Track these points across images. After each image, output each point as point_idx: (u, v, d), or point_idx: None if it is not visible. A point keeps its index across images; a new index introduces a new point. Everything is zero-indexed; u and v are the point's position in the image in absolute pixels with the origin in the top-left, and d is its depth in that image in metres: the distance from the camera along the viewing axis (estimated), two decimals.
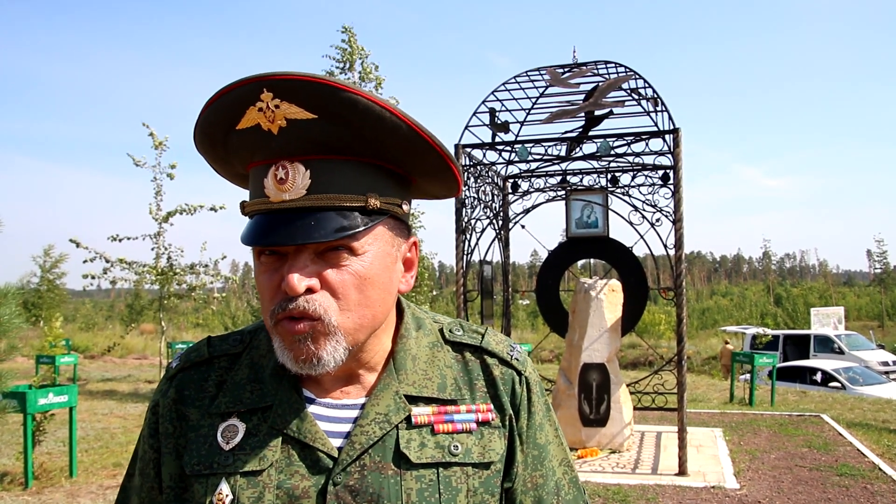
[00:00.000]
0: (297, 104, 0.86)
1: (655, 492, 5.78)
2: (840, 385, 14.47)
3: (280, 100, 0.86)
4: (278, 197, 0.89)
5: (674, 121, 6.51)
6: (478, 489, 0.98)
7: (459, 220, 6.85)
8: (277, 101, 0.86)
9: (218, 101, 0.89)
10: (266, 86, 0.85)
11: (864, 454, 7.10)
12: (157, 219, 12.62)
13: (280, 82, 0.85)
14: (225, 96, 0.88)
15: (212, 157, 1.00)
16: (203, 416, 0.99)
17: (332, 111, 0.86)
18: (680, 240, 6.39)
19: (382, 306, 0.97)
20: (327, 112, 0.86)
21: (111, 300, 66.39)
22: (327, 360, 0.91)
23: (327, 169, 0.90)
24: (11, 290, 4.91)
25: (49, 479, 6.23)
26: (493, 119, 7.37)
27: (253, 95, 0.86)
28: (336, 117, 0.87)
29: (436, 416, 1.00)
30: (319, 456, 0.94)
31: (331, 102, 0.86)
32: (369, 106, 0.87)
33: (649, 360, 23.98)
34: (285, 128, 0.87)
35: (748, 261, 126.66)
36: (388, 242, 0.96)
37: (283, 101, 0.86)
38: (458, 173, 1.00)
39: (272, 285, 0.91)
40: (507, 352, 1.08)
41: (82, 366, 17.03)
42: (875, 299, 50.17)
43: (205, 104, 0.91)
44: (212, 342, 1.07)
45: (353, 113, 0.87)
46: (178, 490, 0.99)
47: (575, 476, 1.13)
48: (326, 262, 0.91)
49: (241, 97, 0.87)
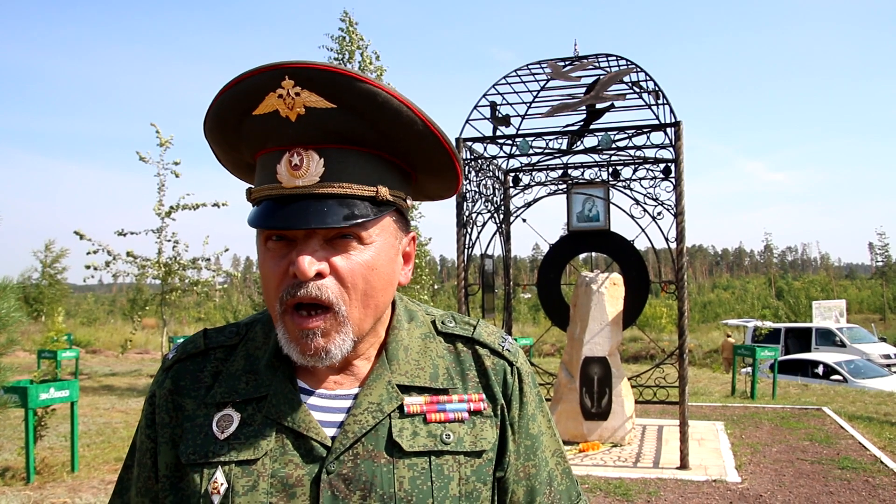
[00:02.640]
0: (318, 93, 0.87)
1: (657, 485, 5.79)
2: (842, 378, 14.50)
3: (301, 88, 0.87)
4: (291, 183, 0.90)
5: (675, 114, 6.51)
6: (469, 477, 0.99)
7: (461, 213, 6.84)
8: (298, 89, 0.87)
9: (237, 86, 0.90)
10: (288, 73, 0.87)
11: (865, 447, 7.10)
12: (161, 214, 12.61)
13: (303, 71, 0.86)
14: (245, 81, 0.89)
15: (220, 143, 1.00)
16: (199, 407, 1.00)
17: (351, 102, 0.88)
18: (681, 233, 6.38)
19: (385, 297, 0.98)
20: (346, 103, 0.88)
21: (112, 294, 66.59)
22: (335, 353, 0.93)
23: (341, 158, 0.91)
24: (11, 284, 4.91)
25: (51, 473, 6.25)
26: (494, 112, 7.35)
27: (274, 82, 0.88)
28: (355, 108, 0.89)
29: (428, 405, 1.01)
30: (313, 445, 0.95)
31: (351, 93, 0.87)
32: (388, 99, 0.88)
33: (651, 353, 24.03)
34: (303, 115, 0.89)
35: (750, 254, 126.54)
36: (392, 234, 0.97)
37: (304, 90, 0.87)
38: (460, 173, 1.02)
39: (279, 271, 0.92)
40: (498, 343, 1.09)
41: (84, 360, 17.08)
42: (877, 292, 50.19)
43: (222, 88, 0.92)
44: (208, 334, 1.08)
45: (372, 105, 0.88)
46: (174, 479, 1.00)
47: (567, 467, 1.14)
48: (335, 250, 0.92)
49: (262, 83, 0.88)
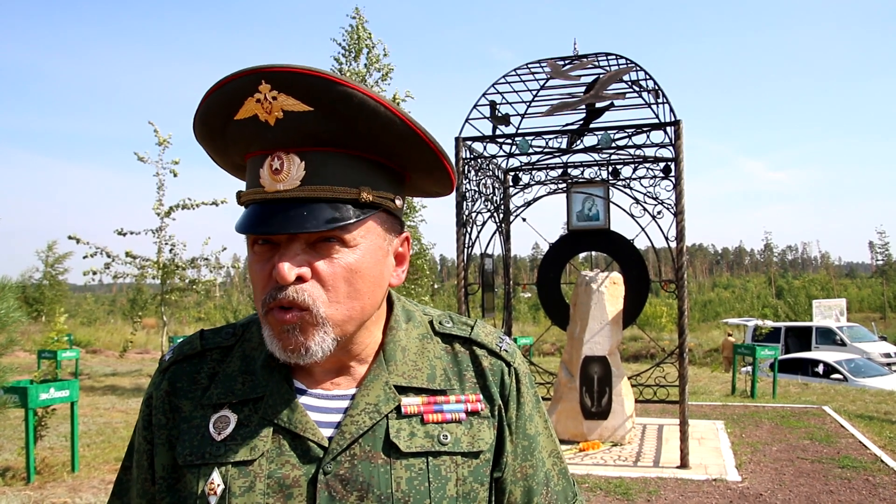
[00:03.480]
0: (294, 96, 0.87)
1: (657, 485, 5.79)
2: (842, 377, 14.50)
3: (278, 91, 0.87)
4: (273, 187, 0.90)
5: (675, 113, 6.50)
6: (467, 478, 0.99)
7: (460, 213, 6.84)
8: (275, 93, 0.87)
9: (218, 92, 0.90)
10: (264, 77, 0.87)
11: (866, 446, 7.10)
12: (160, 213, 12.60)
13: (278, 74, 0.86)
14: (224, 86, 0.89)
15: (211, 147, 1.01)
16: (195, 408, 1.00)
17: (327, 104, 0.87)
18: (681, 232, 6.38)
19: (372, 299, 0.97)
20: (323, 105, 0.87)
21: (112, 295, 66.59)
22: (315, 351, 0.92)
23: (322, 161, 0.91)
24: (10, 284, 4.91)
25: (51, 473, 6.25)
26: (494, 112, 7.35)
27: (251, 86, 0.87)
28: (332, 110, 0.88)
29: (425, 406, 1.00)
30: (310, 446, 0.95)
31: (327, 95, 0.87)
32: (364, 100, 0.88)
33: (651, 352, 24.05)
34: (282, 119, 0.88)
35: (750, 253, 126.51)
36: (379, 236, 0.97)
37: (281, 93, 0.87)
38: (451, 170, 1.01)
39: (264, 275, 0.92)
40: (496, 343, 1.09)
41: (84, 360, 17.08)
42: (877, 291, 50.23)
43: (205, 94, 0.92)
44: (204, 335, 1.08)
45: (349, 106, 0.88)
46: (171, 481, 1.00)
47: (564, 467, 1.14)
48: (318, 253, 0.91)
49: (240, 88, 0.88)
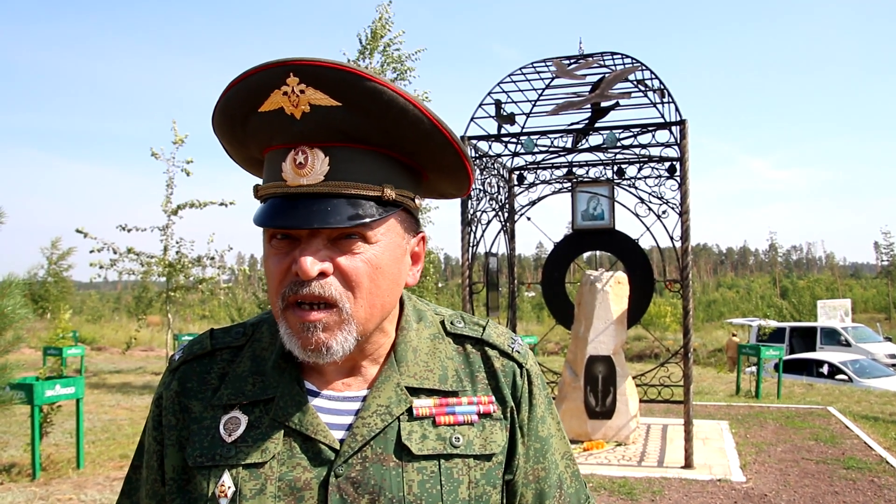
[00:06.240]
0: (323, 91, 0.86)
1: (661, 484, 5.78)
2: (847, 377, 14.44)
3: (306, 85, 0.86)
4: (296, 181, 0.89)
5: (680, 112, 6.48)
6: (479, 481, 0.98)
7: (465, 212, 6.83)
8: (303, 87, 0.86)
9: (243, 82, 0.90)
10: (293, 70, 0.86)
11: (871, 447, 7.08)
12: (167, 211, 12.61)
13: (307, 68, 0.85)
14: (250, 78, 0.89)
15: (229, 139, 1.00)
16: (205, 409, 0.99)
17: (356, 100, 0.87)
18: (686, 232, 6.36)
19: (391, 297, 0.97)
20: (351, 100, 0.87)
21: (118, 292, 66.65)
22: (336, 350, 0.91)
23: (346, 157, 0.90)
24: (16, 280, 4.93)
25: (56, 470, 6.27)
26: (499, 111, 7.33)
27: (279, 79, 0.87)
28: (360, 106, 0.87)
29: (437, 407, 1.00)
30: (321, 448, 0.94)
31: (356, 91, 0.86)
32: (393, 97, 0.87)
33: (655, 352, 24.00)
34: (308, 113, 0.88)
35: (754, 253, 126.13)
36: (399, 234, 0.96)
37: (309, 87, 0.86)
38: (470, 172, 1.00)
39: (282, 269, 0.91)
40: (508, 344, 1.08)
41: (89, 357, 17.12)
42: (882, 291, 50.06)
43: (229, 84, 0.91)
44: (214, 335, 1.07)
45: (377, 103, 0.87)
46: (181, 482, 0.99)
47: (576, 470, 1.13)
48: (339, 249, 0.91)
49: (267, 80, 0.87)
